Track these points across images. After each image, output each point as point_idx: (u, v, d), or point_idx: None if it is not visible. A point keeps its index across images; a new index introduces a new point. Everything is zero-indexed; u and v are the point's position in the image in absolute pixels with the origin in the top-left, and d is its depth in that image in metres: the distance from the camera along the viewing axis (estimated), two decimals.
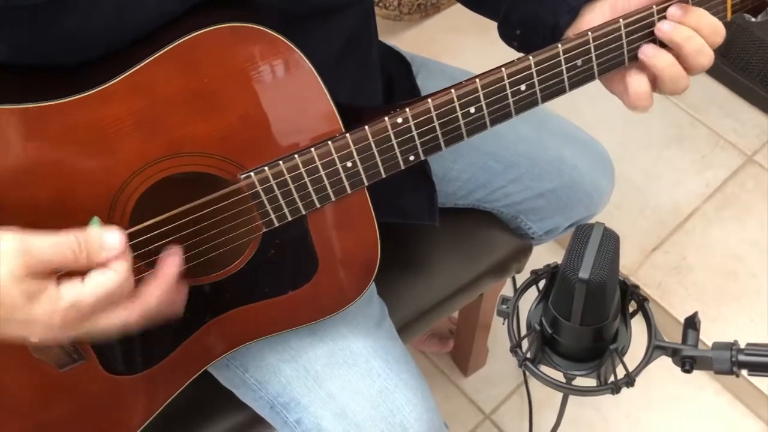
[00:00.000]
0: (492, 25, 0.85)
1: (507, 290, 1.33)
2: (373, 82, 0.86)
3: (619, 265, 0.62)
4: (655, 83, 0.71)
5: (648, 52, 0.69)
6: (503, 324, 0.71)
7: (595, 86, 0.75)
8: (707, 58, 0.69)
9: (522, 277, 1.15)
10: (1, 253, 0.55)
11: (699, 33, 0.68)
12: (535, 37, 0.79)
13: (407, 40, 1.86)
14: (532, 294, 0.71)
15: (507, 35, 0.83)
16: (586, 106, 1.73)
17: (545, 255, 1.09)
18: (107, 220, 0.66)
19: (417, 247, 1.04)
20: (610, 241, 0.61)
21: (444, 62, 1.04)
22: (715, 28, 0.68)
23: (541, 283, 0.71)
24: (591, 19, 0.72)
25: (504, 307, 0.71)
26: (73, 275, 0.58)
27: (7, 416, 0.75)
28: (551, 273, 0.70)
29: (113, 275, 0.59)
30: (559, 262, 0.64)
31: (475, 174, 1.01)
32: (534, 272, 0.71)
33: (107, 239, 0.59)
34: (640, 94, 0.71)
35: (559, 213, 1.04)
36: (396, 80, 0.95)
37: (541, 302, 0.69)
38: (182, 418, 0.94)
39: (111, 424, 0.80)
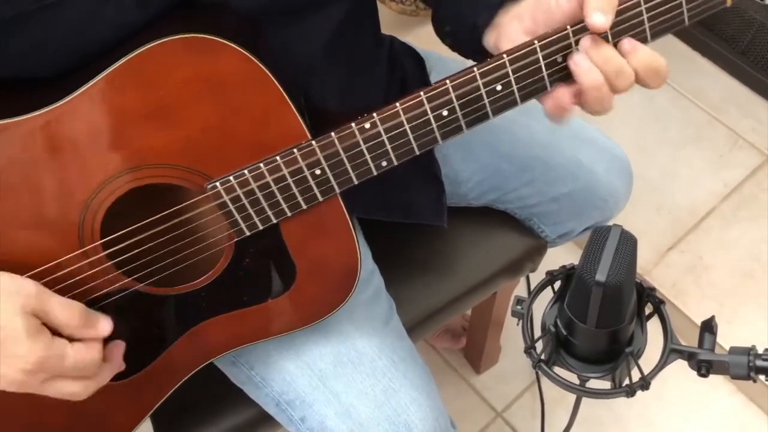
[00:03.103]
0: None
1: (520, 288, 1.32)
2: (375, 76, 0.85)
3: (636, 268, 0.62)
4: (579, 98, 0.66)
5: (582, 64, 0.63)
6: (517, 324, 0.70)
7: None
8: (628, 80, 0.63)
9: (535, 276, 1.14)
10: (17, 290, 0.62)
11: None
12: (461, 35, 0.75)
13: (424, 35, 1.85)
14: (546, 294, 0.71)
15: (439, 30, 0.80)
16: None
17: (561, 254, 1.08)
18: (77, 232, 0.67)
19: (430, 245, 1.04)
20: (628, 244, 0.60)
21: (459, 59, 1.03)
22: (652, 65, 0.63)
23: (557, 284, 0.71)
24: (508, 26, 0.68)
25: (518, 308, 0.70)
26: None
27: (5, 422, 0.76)
28: (567, 274, 0.69)
29: (94, 353, 0.66)
30: (575, 262, 0.64)
31: (488, 176, 1.00)
32: (549, 273, 0.70)
33: (101, 322, 0.68)
34: (560, 105, 0.66)
35: (574, 218, 1.03)
36: (409, 76, 0.94)
37: (557, 303, 0.68)
38: (196, 412, 0.95)
39: (103, 428, 0.81)
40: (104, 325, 0.67)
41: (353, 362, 0.85)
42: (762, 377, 0.62)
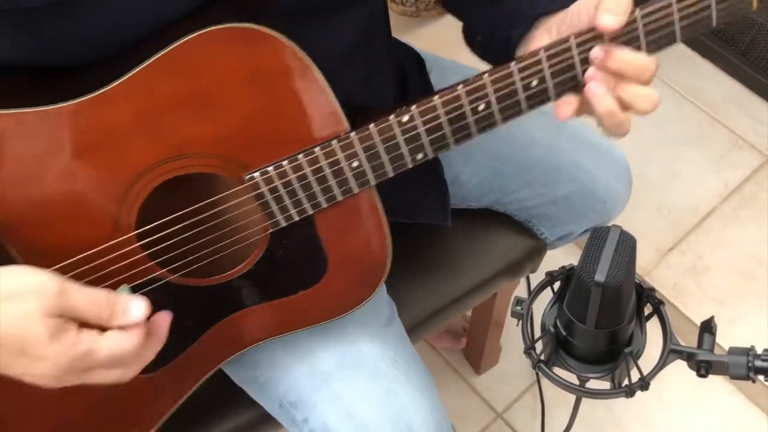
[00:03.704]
0: None
1: (521, 289, 1.32)
2: (384, 77, 0.86)
3: (635, 269, 0.62)
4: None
5: (596, 91, 0.65)
6: (517, 325, 0.71)
7: None
8: (646, 101, 0.65)
9: (536, 277, 1.14)
10: (38, 289, 0.58)
11: (624, 74, 0.64)
12: (493, 46, 0.77)
13: (424, 36, 1.86)
14: (546, 294, 0.71)
15: (469, 39, 0.82)
16: None
17: (561, 255, 1.08)
18: (114, 222, 0.67)
19: (431, 246, 1.04)
20: (627, 245, 0.60)
21: (458, 61, 1.04)
22: (641, 68, 0.64)
23: (556, 285, 0.71)
24: (538, 39, 0.70)
25: (518, 308, 0.71)
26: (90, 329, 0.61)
27: (31, 417, 0.75)
28: (566, 275, 0.69)
29: (130, 339, 0.62)
30: (575, 263, 0.64)
31: (486, 178, 1.00)
32: (549, 274, 0.71)
33: (133, 306, 0.62)
34: (564, 109, 0.68)
35: (573, 220, 1.03)
36: (409, 76, 0.94)
37: (556, 304, 0.69)
38: (192, 415, 0.94)
39: (127, 422, 0.81)
40: (135, 309, 0.62)
41: (356, 364, 0.85)
42: (761, 377, 0.62)
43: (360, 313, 0.86)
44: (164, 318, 0.66)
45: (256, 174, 0.67)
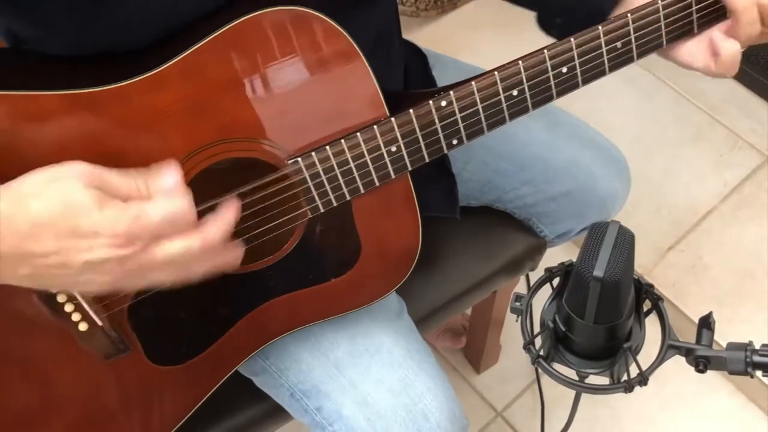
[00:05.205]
0: (509, 22, 0.85)
1: (521, 287, 1.33)
2: (396, 72, 0.87)
3: (634, 264, 0.62)
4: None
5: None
6: (516, 321, 0.71)
7: (613, 85, 0.75)
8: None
9: (536, 275, 1.15)
10: (73, 169, 0.57)
11: None
12: (576, 24, 0.78)
13: (424, 36, 1.86)
14: (545, 291, 0.71)
15: (546, 24, 0.83)
16: (603, 105, 1.72)
17: (560, 253, 1.08)
18: None
19: (432, 244, 1.03)
20: (625, 240, 0.61)
21: (459, 59, 1.04)
22: None
23: (555, 281, 0.71)
24: (631, 3, 0.73)
25: (517, 304, 0.71)
26: None
27: (57, 407, 0.75)
28: (565, 271, 0.70)
29: (177, 201, 0.59)
30: (574, 260, 0.64)
31: (488, 175, 1.01)
32: (548, 270, 0.71)
33: (165, 174, 0.60)
34: (732, 56, 0.75)
35: (572, 217, 1.04)
36: (412, 71, 0.95)
37: (555, 300, 0.69)
38: (196, 411, 0.95)
39: (156, 414, 0.81)
40: (169, 176, 0.60)
41: (370, 352, 0.86)
42: (759, 373, 0.63)
43: (371, 306, 0.86)
44: (231, 202, 0.64)
45: (300, 159, 0.68)
